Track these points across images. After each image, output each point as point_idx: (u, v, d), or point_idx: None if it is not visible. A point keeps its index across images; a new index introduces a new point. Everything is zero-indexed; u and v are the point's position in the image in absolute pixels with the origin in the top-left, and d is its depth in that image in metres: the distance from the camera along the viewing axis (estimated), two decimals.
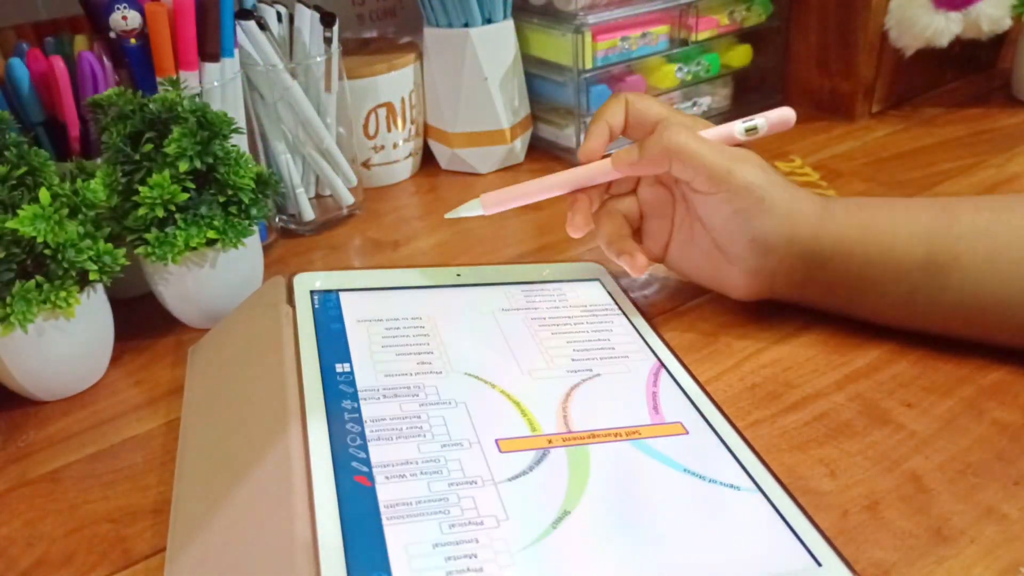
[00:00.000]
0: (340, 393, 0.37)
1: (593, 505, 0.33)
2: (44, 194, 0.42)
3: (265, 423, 0.36)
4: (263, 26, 0.57)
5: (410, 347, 0.41)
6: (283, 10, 0.59)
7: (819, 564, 0.31)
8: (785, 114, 0.46)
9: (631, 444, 0.36)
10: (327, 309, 0.43)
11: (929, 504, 0.34)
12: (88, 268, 0.43)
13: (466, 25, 0.66)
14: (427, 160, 0.74)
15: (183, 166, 0.45)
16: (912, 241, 0.41)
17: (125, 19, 0.50)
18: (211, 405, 0.41)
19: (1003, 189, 0.61)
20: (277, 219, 0.63)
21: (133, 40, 0.51)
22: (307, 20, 0.59)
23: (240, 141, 0.55)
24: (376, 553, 0.29)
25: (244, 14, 0.56)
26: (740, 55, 0.76)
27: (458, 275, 0.48)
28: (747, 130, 0.45)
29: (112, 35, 0.51)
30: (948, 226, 0.41)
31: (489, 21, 0.66)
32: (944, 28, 0.69)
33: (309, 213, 0.63)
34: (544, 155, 0.73)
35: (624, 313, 0.47)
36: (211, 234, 0.47)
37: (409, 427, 0.36)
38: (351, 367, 0.39)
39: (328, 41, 0.60)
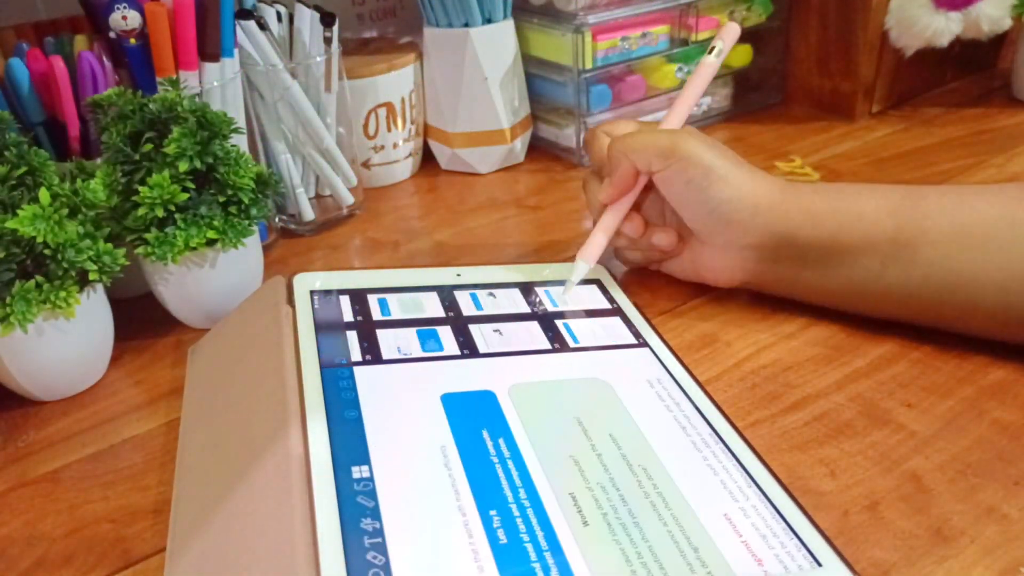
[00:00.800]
0: (340, 393, 0.37)
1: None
2: (44, 194, 0.42)
3: (265, 423, 0.36)
4: (263, 26, 0.57)
5: None
6: (283, 10, 0.59)
7: (819, 564, 0.31)
8: (732, 28, 0.53)
9: None
10: (327, 309, 0.43)
11: (929, 504, 0.34)
12: (88, 268, 0.43)
13: (466, 25, 0.66)
14: (427, 160, 0.74)
15: (183, 166, 0.45)
16: (880, 214, 0.42)
17: (125, 19, 0.50)
18: (211, 405, 0.41)
19: None
20: (277, 219, 0.63)
21: (133, 40, 0.51)
22: (307, 20, 0.59)
23: (240, 141, 0.55)
24: (376, 553, 0.29)
25: (244, 14, 0.56)
26: (740, 55, 0.76)
27: (458, 275, 0.48)
28: (716, 55, 0.52)
29: (112, 35, 0.51)
30: (915, 204, 0.42)
31: (489, 21, 0.66)
32: (944, 28, 0.69)
33: (309, 213, 0.63)
34: (544, 155, 0.73)
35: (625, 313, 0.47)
36: (211, 234, 0.47)
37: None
38: (351, 367, 0.39)
39: (328, 41, 0.60)
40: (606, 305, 0.48)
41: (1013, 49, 0.77)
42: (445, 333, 0.43)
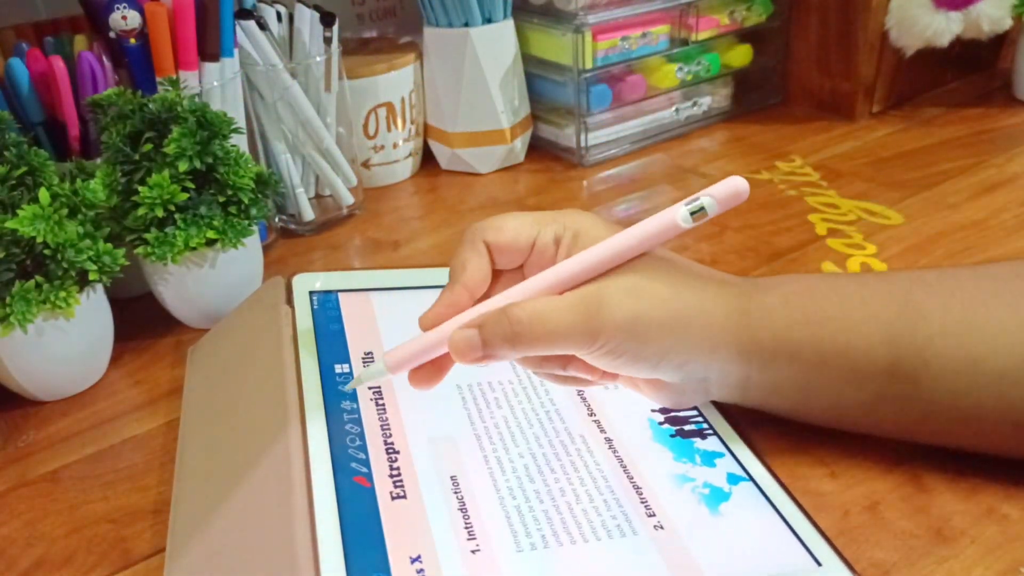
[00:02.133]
0: (340, 393, 0.37)
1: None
2: (44, 194, 0.42)
3: (265, 423, 0.36)
4: (263, 26, 0.57)
5: None
6: (283, 10, 0.59)
7: (819, 564, 0.31)
8: (736, 185, 0.32)
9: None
10: (326, 309, 0.43)
11: (929, 504, 0.34)
12: (88, 268, 0.43)
13: (466, 25, 0.66)
14: (427, 160, 0.74)
15: (183, 166, 0.45)
16: (873, 341, 0.34)
17: (125, 19, 0.50)
18: (211, 405, 0.41)
19: (1003, 189, 0.61)
20: (277, 219, 0.63)
21: (133, 40, 0.51)
22: (307, 20, 0.59)
23: (240, 141, 0.55)
24: (375, 553, 0.29)
25: (244, 14, 0.56)
26: (740, 55, 0.76)
27: None
28: (692, 214, 0.32)
29: (112, 35, 0.51)
30: (914, 326, 0.33)
31: (489, 21, 0.66)
32: (944, 28, 0.69)
33: (309, 213, 0.63)
34: (544, 155, 0.73)
35: None
36: (211, 234, 0.47)
37: None
38: (350, 367, 0.39)
39: (328, 41, 0.60)
40: None
41: (1013, 49, 0.77)
42: None
